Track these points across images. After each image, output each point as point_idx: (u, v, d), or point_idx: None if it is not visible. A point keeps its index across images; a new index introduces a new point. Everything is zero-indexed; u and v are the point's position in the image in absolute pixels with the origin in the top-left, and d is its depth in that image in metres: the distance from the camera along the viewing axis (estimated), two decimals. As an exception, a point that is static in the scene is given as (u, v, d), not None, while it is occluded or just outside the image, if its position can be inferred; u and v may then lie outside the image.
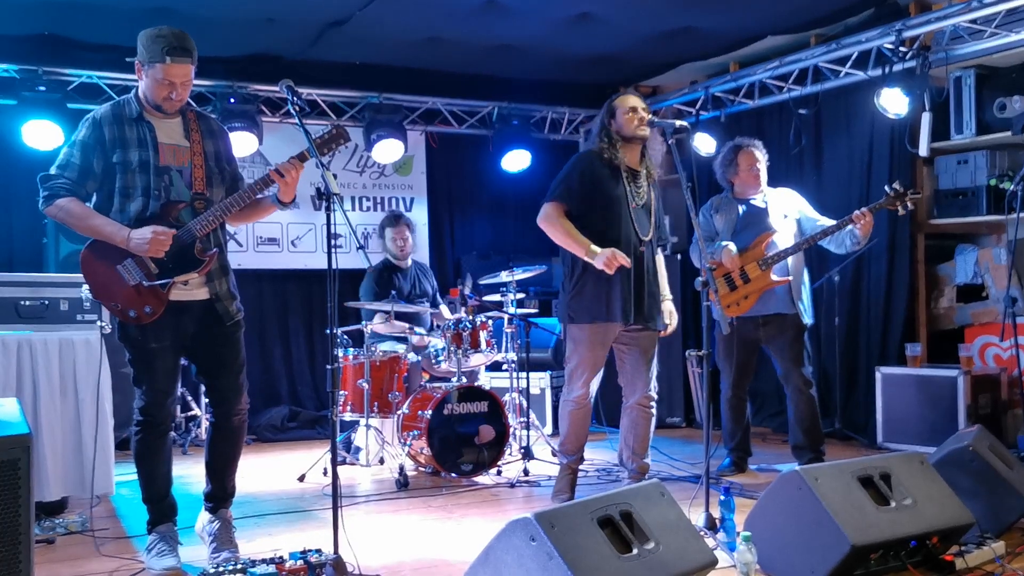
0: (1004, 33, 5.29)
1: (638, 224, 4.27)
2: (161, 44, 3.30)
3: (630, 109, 4.29)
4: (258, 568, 3.08)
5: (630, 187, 4.28)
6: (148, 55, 3.33)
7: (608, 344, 4.31)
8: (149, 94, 3.40)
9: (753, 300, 5.04)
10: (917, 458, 3.49)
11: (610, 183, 4.25)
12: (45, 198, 3.39)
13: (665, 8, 5.88)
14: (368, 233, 7.43)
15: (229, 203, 3.44)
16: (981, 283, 6.18)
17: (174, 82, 3.35)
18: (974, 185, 5.89)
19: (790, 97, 6.60)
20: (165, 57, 3.30)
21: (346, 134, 3.49)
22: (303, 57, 6.75)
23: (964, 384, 5.50)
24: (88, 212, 3.40)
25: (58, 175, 3.39)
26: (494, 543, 2.76)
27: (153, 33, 3.34)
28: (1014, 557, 3.41)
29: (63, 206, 3.37)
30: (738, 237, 5.13)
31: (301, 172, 3.44)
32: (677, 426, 7.05)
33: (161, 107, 3.42)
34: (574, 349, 4.33)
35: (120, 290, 3.39)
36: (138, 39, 3.38)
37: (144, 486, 3.59)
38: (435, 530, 4.14)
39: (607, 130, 4.32)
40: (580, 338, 4.29)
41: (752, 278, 5.03)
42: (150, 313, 3.39)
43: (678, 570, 2.84)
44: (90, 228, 3.38)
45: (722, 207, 5.26)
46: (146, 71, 3.36)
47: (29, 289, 4.45)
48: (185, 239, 3.40)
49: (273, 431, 6.95)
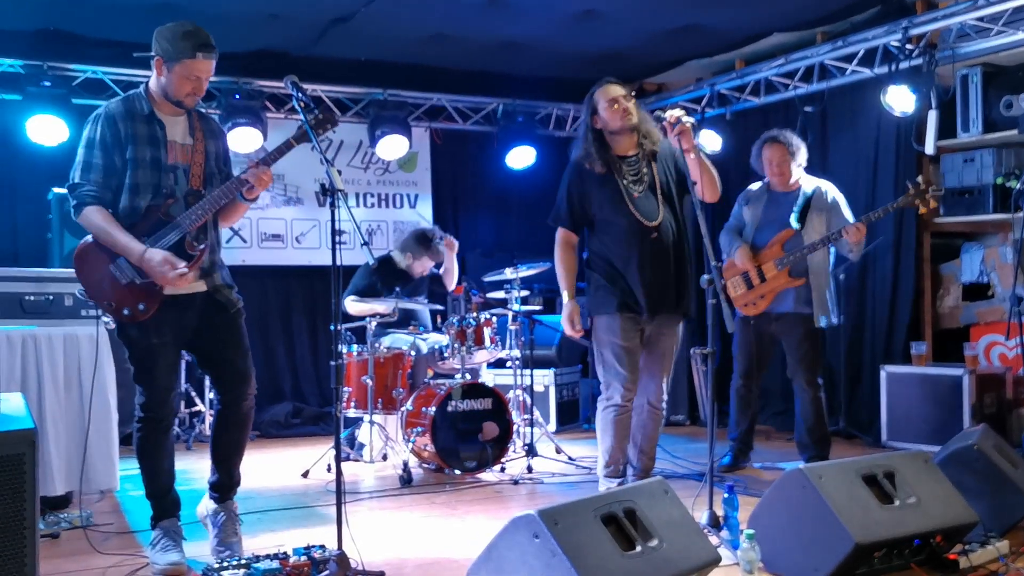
0: (1011, 31, 5.27)
1: (643, 212, 4.14)
2: (191, 41, 3.31)
3: (611, 101, 4.17)
4: (262, 564, 3.09)
5: (627, 179, 4.18)
6: (175, 51, 3.32)
7: (634, 337, 4.17)
8: (171, 90, 3.39)
9: (769, 299, 5.05)
10: (921, 457, 3.49)
11: (601, 189, 4.18)
12: (74, 207, 3.38)
13: (671, 5, 5.88)
14: (372, 229, 7.44)
15: (216, 196, 3.43)
16: (987, 282, 6.17)
17: (200, 77, 3.38)
18: (980, 183, 5.87)
19: (796, 95, 6.58)
20: (196, 53, 3.31)
21: (332, 118, 3.49)
22: (308, 53, 6.75)
23: (969, 383, 5.49)
24: (109, 224, 3.35)
25: (83, 182, 3.36)
26: (497, 540, 2.77)
27: (180, 30, 3.33)
28: (1018, 556, 3.39)
29: (87, 216, 3.36)
30: (761, 233, 5.13)
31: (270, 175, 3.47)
32: (681, 424, 7.04)
33: (182, 103, 3.42)
34: (605, 340, 4.19)
35: (113, 289, 3.39)
36: (158, 35, 3.37)
37: (147, 482, 3.58)
38: (438, 527, 4.14)
39: (592, 130, 4.21)
40: (607, 327, 4.17)
41: (768, 278, 5.03)
42: (144, 311, 3.38)
43: (681, 568, 2.84)
44: (110, 243, 3.36)
45: (752, 199, 5.25)
46: (169, 67, 3.35)
47: (34, 284, 4.46)
48: (176, 235, 3.39)
49: (277, 427, 6.96)
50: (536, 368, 6.15)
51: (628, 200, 4.16)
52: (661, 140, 4.26)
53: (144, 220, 3.38)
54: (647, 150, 4.26)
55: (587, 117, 4.24)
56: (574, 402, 7.20)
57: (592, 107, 4.23)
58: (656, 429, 4.35)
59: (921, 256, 6.15)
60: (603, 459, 4.26)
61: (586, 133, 4.24)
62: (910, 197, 4.76)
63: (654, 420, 4.32)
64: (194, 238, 3.44)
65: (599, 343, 4.23)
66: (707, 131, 6.94)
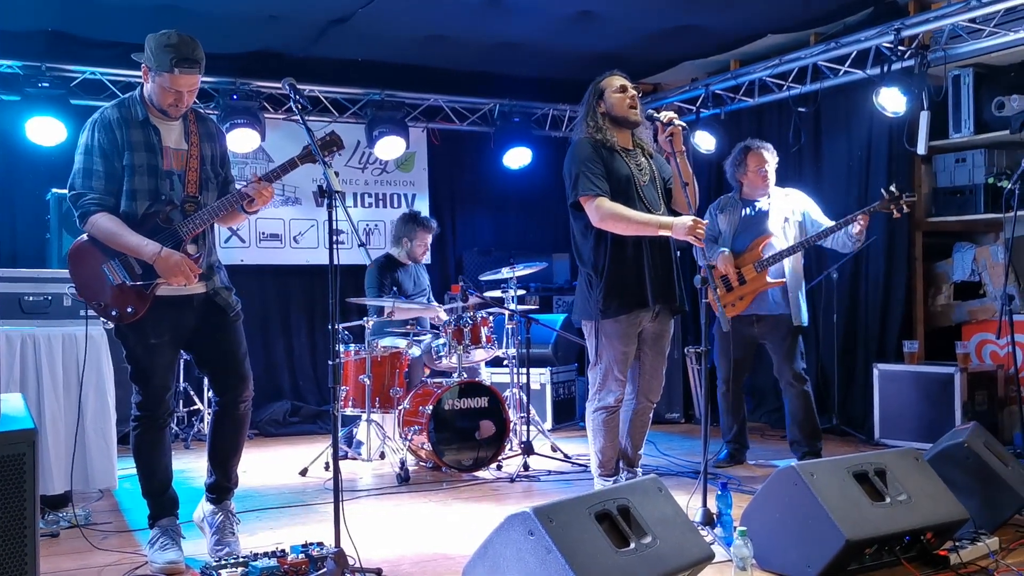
0: (1002, 32, 5.31)
1: (649, 201, 4.09)
2: (170, 55, 3.29)
3: (620, 88, 4.11)
4: (260, 561, 3.10)
5: (631, 165, 4.12)
6: (156, 63, 3.32)
7: (634, 339, 4.13)
8: (155, 99, 3.40)
9: (749, 300, 5.15)
10: (912, 454, 3.53)
11: (614, 168, 4.08)
12: (79, 218, 3.39)
13: (666, 6, 5.90)
14: (369, 229, 7.46)
15: (217, 207, 3.45)
16: (979, 280, 6.21)
17: (180, 91, 3.37)
18: (972, 183, 5.92)
19: (789, 95, 6.62)
20: (173, 68, 3.29)
21: (339, 141, 3.49)
22: (306, 54, 6.77)
23: (961, 381, 5.53)
24: (118, 227, 3.36)
25: (85, 190, 3.37)
26: (493, 537, 2.80)
27: (163, 41, 3.31)
28: (1008, 553, 3.43)
29: (95, 223, 3.36)
30: (738, 239, 5.23)
31: (272, 191, 3.48)
32: (676, 422, 7.08)
33: (166, 112, 3.43)
34: (608, 345, 4.09)
35: (104, 289, 3.40)
36: (147, 42, 3.37)
37: (144, 481, 3.60)
38: (435, 524, 4.17)
39: (595, 113, 4.14)
40: (615, 332, 4.06)
41: (748, 280, 5.14)
42: (132, 313, 3.40)
43: (675, 564, 2.87)
44: (122, 246, 3.36)
45: (726, 208, 5.34)
46: (153, 77, 3.36)
47: (32, 285, 4.47)
48: (172, 241, 3.40)
49: (275, 426, 6.99)
50: (532, 366, 6.18)
51: (636, 186, 4.10)
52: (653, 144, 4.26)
53: (142, 226, 3.39)
54: (644, 147, 4.25)
55: (591, 100, 4.17)
56: (570, 400, 7.23)
57: (598, 92, 4.16)
58: (648, 425, 4.39)
59: (913, 255, 6.18)
60: (596, 459, 4.27)
61: (588, 116, 4.16)
62: (884, 203, 4.88)
63: (648, 417, 4.36)
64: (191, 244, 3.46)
65: (601, 347, 4.15)
66: (701, 132, 6.97)
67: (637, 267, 4.05)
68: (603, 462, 4.24)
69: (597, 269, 4.09)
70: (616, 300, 4.04)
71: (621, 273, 4.05)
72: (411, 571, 3.46)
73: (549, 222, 8.18)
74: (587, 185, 4.01)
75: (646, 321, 4.15)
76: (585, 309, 4.18)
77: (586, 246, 4.15)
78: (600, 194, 3.99)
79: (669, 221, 3.97)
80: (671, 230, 3.95)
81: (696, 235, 3.88)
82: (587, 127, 4.16)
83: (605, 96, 4.14)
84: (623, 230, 4.00)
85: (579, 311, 4.26)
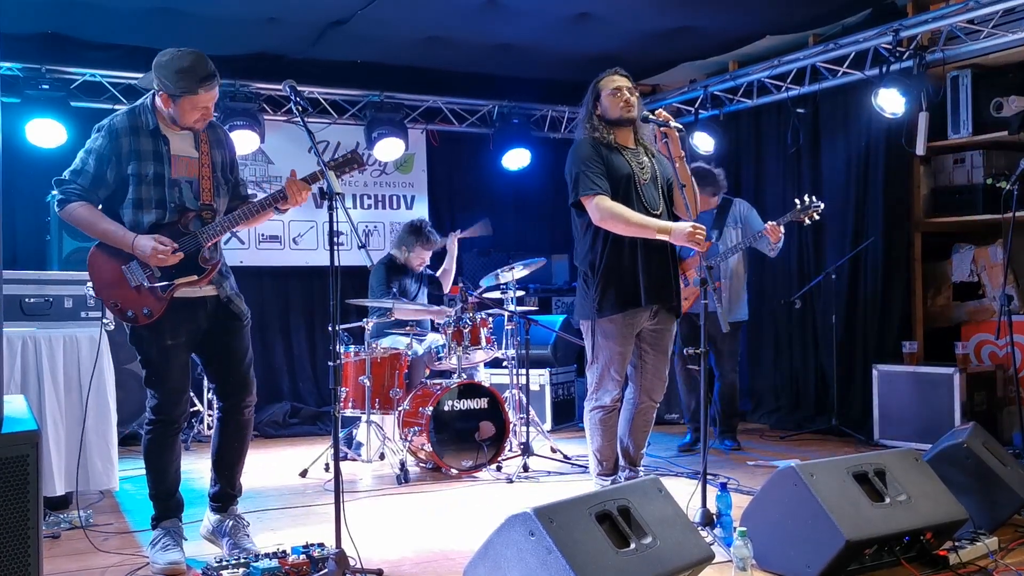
0: (1001, 33, 5.32)
1: (648, 200, 4.08)
2: (191, 78, 3.34)
3: (614, 90, 4.11)
4: (261, 562, 3.12)
5: (632, 163, 4.12)
6: (178, 89, 3.35)
7: (631, 339, 4.14)
8: (179, 120, 3.44)
9: (692, 301, 5.56)
10: (912, 455, 3.54)
11: (614, 167, 4.09)
12: (59, 201, 3.44)
13: (664, 7, 5.91)
14: (369, 231, 7.47)
15: (237, 215, 3.50)
16: (977, 281, 6.22)
17: (208, 106, 3.44)
18: (970, 184, 5.93)
19: (788, 96, 6.64)
20: (198, 89, 3.35)
21: (360, 159, 3.53)
22: (305, 56, 6.78)
23: (960, 381, 5.54)
24: (97, 217, 3.43)
25: (71, 180, 3.43)
26: (493, 537, 2.80)
27: (173, 67, 3.35)
28: (1007, 553, 3.44)
29: (73, 210, 3.42)
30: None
31: (309, 193, 3.51)
32: (676, 422, 7.08)
33: (192, 128, 3.48)
34: (604, 345, 4.10)
35: (122, 290, 3.44)
36: (157, 70, 3.38)
37: (154, 483, 3.61)
38: (435, 525, 4.18)
39: (592, 115, 4.16)
40: (611, 331, 4.08)
41: (692, 282, 5.61)
42: (148, 315, 3.43)
43: (675, 565, 2.87)
44: (99, 232, 3.43)
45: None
46: (175, 101, 3.39)
47: (33, 287, 4.48)
48: (191, 246, 3.44)
49: (275, 427, 6.99)
50: (532, 367, 6.19)
51: (636, 185, 4.10)
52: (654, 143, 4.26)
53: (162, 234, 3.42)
54: (647, 146, 4.25)
55: (589, 102, 4.19)
56: (570, 401, 7.24)
57: (595, 93, 4.18)
58: (651, 425, 4.40)
59: (912, 256, 6.20)
60: (595, 459, 4.28)
61: (588, 118, 4.18)
62: (795, 212, 5.30)
63: (652, 417, 4.36)
64: (209, 253, 3.49)
65: (598, 347, 4.16)
66: (700, 133, 6.98)
67: (632, 267, 4.06)
68: (600, 461, 4.26)
69: (593, 268, 4.11)
70: (610, 299, 4.06)
71: (616, 272, 4.06)
72: (412, 572, 3.47)
73: (548, 223, 8.19)
74: (587, 184, 4.03)
75: (644, 321, 4.15)
76: (583, 308, 4.21)
77: (584, 245, 4.17)
78: (600, 192, 4.01)
79: (668, 226, 3.98)
80: (670, 235, 3.97)
81: (696, 240, 3.88)
82: (587, 127, 4.19)
83: (601, 99, 4.17)
84: (622, 230, 4.02)
85: (577, 311, 4.29)
